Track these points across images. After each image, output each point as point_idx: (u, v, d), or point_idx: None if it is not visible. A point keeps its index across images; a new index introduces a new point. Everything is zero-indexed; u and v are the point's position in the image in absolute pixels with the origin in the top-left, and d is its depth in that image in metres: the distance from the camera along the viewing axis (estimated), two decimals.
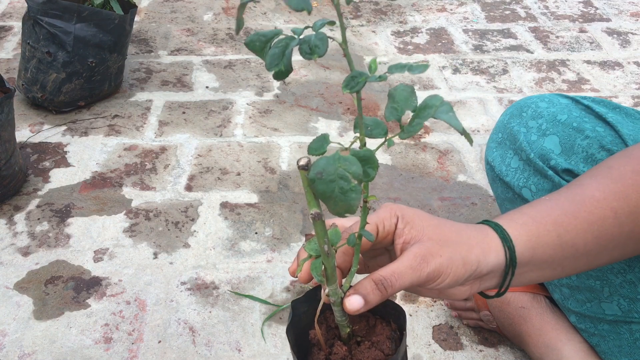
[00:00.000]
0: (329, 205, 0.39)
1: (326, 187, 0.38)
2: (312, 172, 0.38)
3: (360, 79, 0.39)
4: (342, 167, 0.38)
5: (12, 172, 1.11)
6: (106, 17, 1.31)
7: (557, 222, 0.53)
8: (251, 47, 0.39)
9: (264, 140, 1.31)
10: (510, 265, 0.50)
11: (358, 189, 0.38)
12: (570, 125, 0.73)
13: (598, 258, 0.56)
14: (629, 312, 0.68)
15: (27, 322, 0.91)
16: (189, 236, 1.07)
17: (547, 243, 0.52)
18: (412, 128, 0.40)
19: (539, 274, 0.54)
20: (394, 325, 0.52)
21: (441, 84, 1.53)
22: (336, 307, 0.48)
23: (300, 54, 0.38)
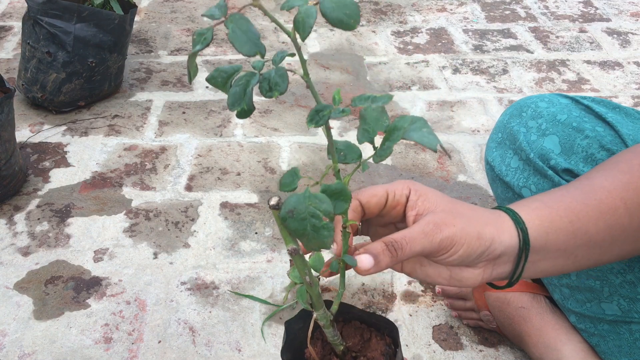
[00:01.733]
0: (303, 242, 0.39)
1: (298, 225, 0.38)
2: (283, 211, 0.38)
3: (324, 113, 0.39)
4: (312, 205, 0.38)
5: (12, 172, 1.11)
6: (106, 17, 1.31)
7: (569, 208, 0.52)
8: (213, 83, 0.39)
9: (264, 140, 1.31)
10: (524, 248, 0.50)
11: (330, 227, 0.38)
12: (570, 125, 0.73)
13: (610, 250, 0.55)
14: (629, 312, 0.68)
15: (27, 322, 0.91)
16: (189, 236, 1.07)
17: (559, 228, 0.51)
18: (384, 152, 0.40)
19: (552, 264, 0.53)
20: (389, 339, 0.52)
21: (441, 84, 1.53)
22: (327, 330, 0.48)
23: (260, 92, 0.37)
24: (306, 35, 0.35)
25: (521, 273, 0.51)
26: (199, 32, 0.37)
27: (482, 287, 0.86)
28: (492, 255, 0.49)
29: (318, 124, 0.38)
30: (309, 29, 0.35)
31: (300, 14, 0.35)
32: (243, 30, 0.36)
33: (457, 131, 1.35)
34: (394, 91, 1.50)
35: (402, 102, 1.45)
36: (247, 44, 0.35)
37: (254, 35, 0.36)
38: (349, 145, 0.42)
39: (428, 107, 1.44)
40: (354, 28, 0.35)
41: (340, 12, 0.35)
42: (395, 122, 0.40)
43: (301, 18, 0.35)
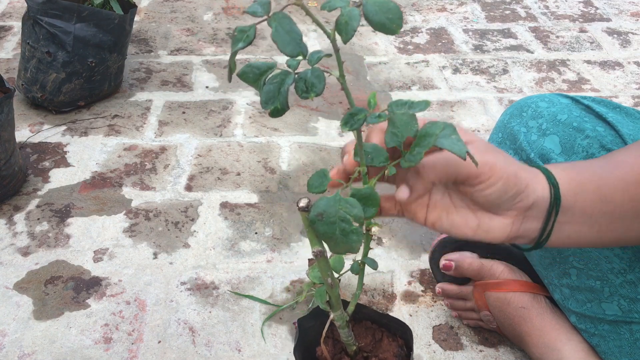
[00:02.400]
0: (330, 245, 0.38)
1: (327, 229, 0.38)
2: (312, 214, 0.38)
3: (359, 117, 0.38)
4: (343, 209, 0.37)
5: (11, 172, 1.11)
6: (106, 17, 1.31)
7: (596, 174, 0.52)
8: (244, 78, 0.38)
9: (264, 140, 1.31)
10: (555, 204, 0.49)
11: (359, 231, 0.37)
12: (570, 125, 0.73)
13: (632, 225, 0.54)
14: (630, 312, 0.68)
15: (26, 322, 0.91)
16: (188, 236, 1.07)
17: (587, 191, 0.51)
18: (413, 157, 0.39)
19: (577, 229, 0.52)
20: (401, 341, 0.52)
21: (441, 84, 1.53)
22: (342, 330, 0.48)
23: (296, 93, 0.37)
24: (349, 38, 0.34)
25: (550, 232, 0.50)
26: (240, 29, 0.36)
27: (482, 287, 0.86)
28: (525, 203, 0.48)
29: (352, 128, 0.38)
30: (352, 32, 0.34)
31: (343, 16, 0.34)
32: (286, 30, 0.35)
33: None
34: (394, 91, 1.50)
35: None
36: (290, 44, 0.35)
37: (297, 35, 0.35)
38: (377, 148, 0.42)
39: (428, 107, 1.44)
40: (396, 33, 0.34)
41: (383, 16, 0.34)
42: (426, 128, 0.39)
43: (344, 20, 0.34)
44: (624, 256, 0.69)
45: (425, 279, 1.00)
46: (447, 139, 0.38)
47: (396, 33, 0.34)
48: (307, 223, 0.39)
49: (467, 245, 0.91)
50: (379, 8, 0.34)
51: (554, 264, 0.76)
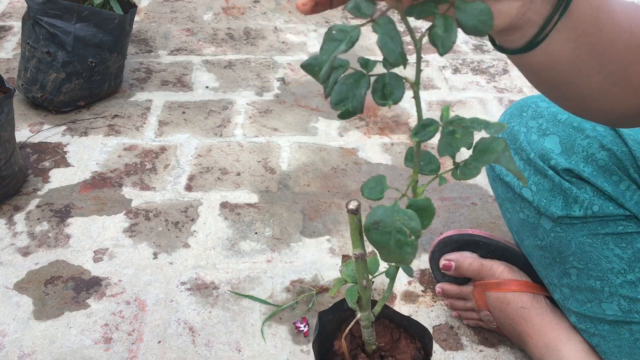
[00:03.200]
0: (381, 254, 0.38)
1: (381, 238, 0.37)
2: (368, 221, 0.37)
3: (431, 129, 0.37)
4: (400, 220, 0.36)
5: (11, 172, 1.11)
6: (106, 17, 1.31)
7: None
8: (309, 70, 0.36)
9: (264, 140, 1.31)
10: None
11: (415, 244, 0.37)
12: (570, 124, 0.73)
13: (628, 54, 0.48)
14: (629, 312, 0.68)
15: (26, 322, 0.91)
16: (188, 236, 1.07)
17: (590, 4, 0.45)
18: (469, 171, 0.37)
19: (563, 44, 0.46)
20: (419, 344, 0.52)
21: (441, 84, 1.53)
22: (366, 329, 0.48)
23: (373, 98, 0.35)
24: (446, 51, 0.32)
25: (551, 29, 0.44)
26: (341, 28, 0.34)
27: (482, 287, 0.86)
28: None
29: (424, 139, 0.36)
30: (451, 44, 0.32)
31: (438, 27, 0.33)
32: (391, 37, 0.33)
33: None
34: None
35: (403, 102, 1.45)
36: (394, 52, 0.33)
37: (400, 41, 0.33)
38: (429, 156, 0.40)
39: (428, 107, 1.44)
40: (486, 34, 0.33)
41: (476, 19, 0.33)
42: (485, 144, 0.37)
43: (440, 32, 0.33)
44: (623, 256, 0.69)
45: (425, 279, 1.00)
46: (503, 157, 0.37)
47: (486, 35, 0.33)
48: (355, 226, 0.39)
49: (467, 245, 0.91)
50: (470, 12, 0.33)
51: (554, 264, 0.76)
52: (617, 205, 0.70)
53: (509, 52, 0.47)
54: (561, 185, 0.72)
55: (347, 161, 1.26)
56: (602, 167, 0.70)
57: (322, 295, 0.97)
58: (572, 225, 0.73)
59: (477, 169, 0.37)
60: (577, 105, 0.51)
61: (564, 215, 0.72)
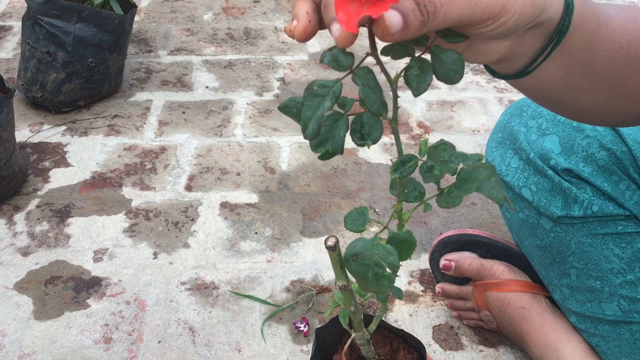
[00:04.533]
0: (360, 284, 0.38)
1: (360, 269, 0.38)
2: (348, 252, 0.38)
3: (410, 164, 0.37)
4: (379, 255, 0.37)
5: (11, 172, 1.11)
6: (106, 17, 1.31)
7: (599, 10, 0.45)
8: (286, 112, 0.36)
9: (264, 140, 1.31)
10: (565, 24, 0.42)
11: (392, 278, 0.37)
12: (570, 124, 0.73)
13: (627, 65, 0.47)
14: (629, 312, 0.68)
15: (26, 322, 0.91)
16: (188, 236, 1.07)
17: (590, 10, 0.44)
18: (452, 199, 0.37)
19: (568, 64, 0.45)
20: (416, 354, 0.52)
21: (441, 84, 1.53)
22: (363, 347, 0.49)
23: (352, 139, 0.35)
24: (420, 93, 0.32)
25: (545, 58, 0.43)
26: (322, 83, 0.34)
27: (482, 287, 0.86)
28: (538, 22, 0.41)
29: (403, 175, 0.37)
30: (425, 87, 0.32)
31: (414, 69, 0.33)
32: (371, 87, 0.34)
33: (457, 131, 1.35)
34: None
35: (402, 102, 1.45)
36: (376, 102, 0.34)
37: (380, 91, 0.34)
38: (413, 183, 0.41)
39: (428, 107, 1.44)
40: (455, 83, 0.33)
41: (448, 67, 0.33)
42: (467, 173, 0.37)
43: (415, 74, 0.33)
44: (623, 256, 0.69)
45: (425, 279, 1.00)
46: (487, 183, 0.36)
47: (455, 83, 0.33)
48: (335, 260, 0.40)
49: (467, 245, 0.91)
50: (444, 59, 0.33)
51: (554, 264, 0.76)
52: (616, 205, 0.70)
53: (499, 76, 0.46)
54: (561, 185, 0.72)
55: (347, 161, 1.26)
56: (602, 167, 0.70)
57: (322, 295, 0.97)
58: (572, 225, 0.73)
59: (459, 197, 0.37)
60: (576, 116, 0.51)
61: (563, 215, 0.72)
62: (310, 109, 0.34)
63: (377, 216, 1.12)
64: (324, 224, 1.10)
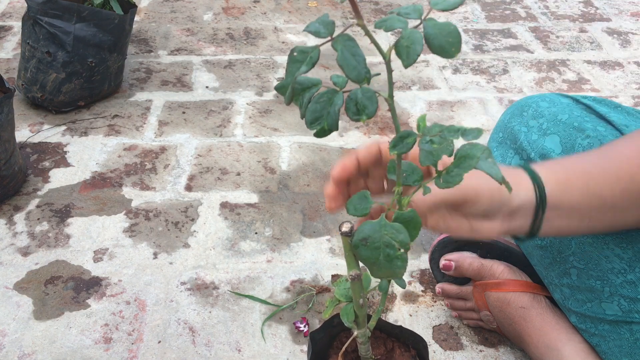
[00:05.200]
0: (372, 270, 0.37)
1: (370, 254, 0.37)
2: (356, 238, 0.37)
3: (409, 140, 0.37)
4: (388, 234, 0.36)
5: (11, 172, 1.11)
6: (106, 17, 1.31)
7: (585, 171, 0.54)
8: (282, 92, 0.37)
9: (264, 140, 1.31)
10: (541, 204, 0.51)
11: (404, 257, 0.36)
12: (571, 124, 0.73)
13: (624, 214, 0.56)
14: (630, 312, 0.68)
15: (26, 322, 0.91)
16: (188, 236, 1.07)
17: (575, 188, 0.53)
18: (452, 178, 0.38)
19: (567, 223, 0.54)
20: (414, 351, 0.52)
21: (441, 84, 1.53)
22: (363, 346, 0.49)
23: (347, 114, 0.35)
24: (410, 63, 0.32)
25: (540, 226, 0.52)
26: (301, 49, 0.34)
27: (482, 287, 0.86)
28: (509, 208, 0.50)
29: (401, 151, 0.37)
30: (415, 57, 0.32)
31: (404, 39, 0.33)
32: (352, 54, 0.33)
33: None
34: (394, 91, 1.49)
35: (402, 102, 1.45)
36: (355, 69, 0.33)
37: (362, 58, 0.34)
38: (412, 167, 0.41)
39: (428, 107, 1.44)
40: (453, 57, 0.33)
41: (443, 39, 0.33)
42: (466, 150, 0.38)
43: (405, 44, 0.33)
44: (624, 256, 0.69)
45: (425, 279, 1.00)
46: (485, 162, 0.37)
47: (453, 57, 0.33)
48: (348, 247, 0.39)
49: (467, 245, 0.91)
50: (439, 31, 0.33)
51: (554, 264, 0.76)
52: None
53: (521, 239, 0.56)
54: None
55: None
56: None
57: (322, 295, 0.97)
58: None
59: (459, 176, 0.37)
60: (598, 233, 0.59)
61: None
62: (290, 75, 0.34)
63: None
64: (324, 224, 1.10)
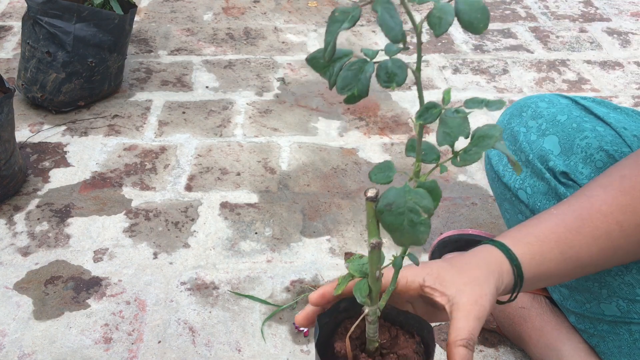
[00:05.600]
0: (395, 237, 0.38)
1: (394, 220, 0.38)
2: (381, 204, 0.38)
3: (434, 111, 0.38)
4: (412, 199, 0.37)
5: (11, 172, 1.11)
6: (106, 17, 1.31)
7: (560, 239, 0.56)
8: (313, 63, 0.38)
9: (264, 140, 1.31)
10: (519, 280, 0.54)
11: (428, 223, 0.37)
12: (570, 125, 0.73)
13: (607, 265, 0.59)
14: (628, 312, 0.68)
15: (26, 322, 0.91)
16: (188, 236, 1.07)
17: (551, 259, 0.56)
18: (470, 157, 0.39)
19: (547, 282, 0.58)
20: (418, 338, 0.52)
21: (441, 84, 1.53)
22: (372, 325, 0.49)
23: (378, 81, 0.37)
24: (442, 33, 0.34)
25: (518, 293, 0.56)
26: (342, 9, 0.36)
27: None
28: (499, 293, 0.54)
29: (427, 121, 0.38)
30: (447, 26, 0.34)
31: (436, 10, 0.35)
32: (390, 15, 0.35)
33: None
34: (394, 91, 1.49)
35: (402, 102, 1.45)
36: (393, 29, 0.35)
37: (399, 20, 0.35)
38: (430, 146, 0.42)
39: None
40: (480, 32, 0.35)
41: (473, 14, 0.34)
42: (484, 130, 0.40)
43: (437, 15, 0.34)
44: None
45: None
46: (499, 144, 0.39)
47: (480, 33, 0.35)
48: (373, 213, 0.39)
49: (467, 245, 0.91)
50: (469, 7, 0.34)
51: None
52: None
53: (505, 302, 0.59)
54: (556, 190, 0.72)
55: (347, 161, 1.26)
56: (601, 168, 0.70)
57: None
58: None
59: (477, 154, 0.39)
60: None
61: None
62: (331, 35, 0.36)
63: None
64: (324, 224, 1.10)
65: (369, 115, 1.40)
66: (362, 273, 0.46)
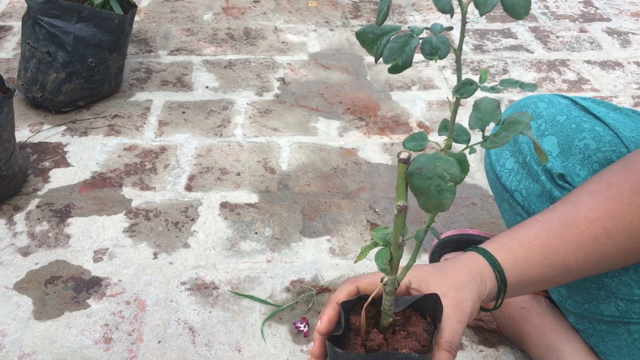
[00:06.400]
0: (421, 200, 0.40)
1: (422, 183, 0.40)
2: (412, 167, 0.40)
3: (471, 87, 0.40)
4: (441, 166, 0.39)
5: (11, 172, 1.11)
6: (106, 17, 1.31)
7: (544, 244, 0.57)
8: (362, 37, 0.40)
9: (264, 140, 1.31)
10: (502, 286, 0.55)
11: (453, 190, 0.39)
12: (569, 126, 0.73)
13: (595, 271, 0.59)
14: (627, 312, 0.68)
15: (26, 322, 0.91)
16: (188, 236, 1.07)
17: (534, 265, 0.56)
18: (499, 139, 0.41)
19: (534, 288, 0.58)
20: (429, 319, 0.53)
21: (441, 84, 1.53)
22: (388, 296, 0.50)
23: (422, 53, 0.39)
24: (486, 11, 0.36)
25: (503, 300, 0.56)
26: None
27: None
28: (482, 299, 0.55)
29: (463, 96, 0.40)
30: (491, 6, 0.35)
31: None
32: None
33: None
34: (394, 91, 1.49)
35: (403, 102, 1.45)
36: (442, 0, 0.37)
37: None
38: (462, 128, 0.44)
39: (428, 107, 1.44)
40: (522, 18, 0.36)
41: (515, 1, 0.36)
42: (515, 117, 0.42)
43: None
44: None
45: None
46: (527, 131, 0.41)
47: (522, 18, 0.37)
48: (403, 176, 0.41)
49: (467, 245, 0.91)
50: None
51: None
52: None
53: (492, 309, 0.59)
54: (551, 193, 0.72)
55: (347, 161, 1.26)
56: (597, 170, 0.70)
57: (322, 295, 0.97)
58: None
59: (507, 137, 0.41)
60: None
61: None
62: (385, 1, 0.38)
63: (377, 216, 1.12)
64: (324, 224, 1.10)
65: (369, 115, 1.40)
66: (385, 242, 0.48)
